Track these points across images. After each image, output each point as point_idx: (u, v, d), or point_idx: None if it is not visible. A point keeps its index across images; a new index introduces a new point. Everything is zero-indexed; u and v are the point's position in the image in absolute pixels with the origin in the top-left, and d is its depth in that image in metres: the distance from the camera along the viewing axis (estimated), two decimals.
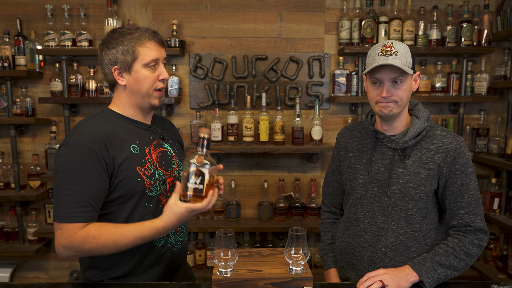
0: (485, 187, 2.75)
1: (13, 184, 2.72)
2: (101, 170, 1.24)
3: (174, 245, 1.45)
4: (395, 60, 1.31)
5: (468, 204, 1.37)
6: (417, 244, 1.40)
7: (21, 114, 2.65)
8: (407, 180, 1.38)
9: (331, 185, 1.65)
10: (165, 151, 1.43)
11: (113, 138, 1.29)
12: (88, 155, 1.23)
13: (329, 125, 2.80)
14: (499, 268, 2.58)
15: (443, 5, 2.72)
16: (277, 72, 2.72)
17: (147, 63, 1.32)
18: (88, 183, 1.22)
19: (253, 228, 2.67)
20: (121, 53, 1.31)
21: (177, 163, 1.47)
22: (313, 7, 2.71)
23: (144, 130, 1.40)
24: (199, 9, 2.71)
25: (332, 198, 1.67)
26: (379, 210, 1.43)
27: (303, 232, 1.25)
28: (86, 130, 1.27)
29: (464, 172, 1.37)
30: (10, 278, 2.79)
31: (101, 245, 1.22)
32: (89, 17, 2.70)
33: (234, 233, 1.25)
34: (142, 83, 1.33)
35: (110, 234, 1.22)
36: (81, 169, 1.22)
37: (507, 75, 2.63)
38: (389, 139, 1.42)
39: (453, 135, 1.42)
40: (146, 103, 1.37)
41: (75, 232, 1.21)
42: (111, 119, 1.35)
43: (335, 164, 1.62)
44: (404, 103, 1.37)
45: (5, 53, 2.62)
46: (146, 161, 1.34)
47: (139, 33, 1.31)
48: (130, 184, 1.29)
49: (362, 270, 1.45)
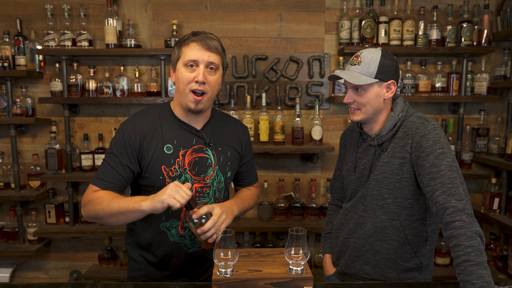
0: (485, 187, 2.75)
1: (13, 184, 2.72)
2: (131, 155, 1.40)
3: (189, 246, 1.50)
4: (348, 74, 1.42)
5: (441, 184, 1.28)
6: (396, 233, 1.46)
7: (21, 114, 2.65)
8: (382, 171, 1.45)
9: (338, 180, 1.77)
10: (205, 157, 1.46)
11: (153, 133, 1.42)
12: (124, 139, 1.40)
13: (329, 125, 2.80)
14: (499, 268, 2.58)
15: (443, 5, 2.72)
16: (277, 72, 2.72)
17: (185, 62, 1.38)
18: (118, 161, 1.39)
19: (253, 228, 2.67)
20: (174, 52, 1.44)
21: (215, 172, 1.48)
22: (313, 7, 2.71)
23: (189, 133, 1.45)
24: (199, 9, 2.71)
25: (338, 193, 1.79)
26: (359, 200, 1.53)
27: (303, 232, 1.25)
28: (134, 120, 1.45)
29: (431, 153, 1.33)
30: (10, 278, 2.79)
31: (99, 202, 1.34)
32: (89, 17, 2.70)
33: (234, 233, 1.25)
34: (179, 81, 1.40)
35: (108, 200, 1.33)
36: (117, 149, 1.40)
37: (507, 75, 2.63)
38: (370, 137, 1.52)
39: (422, 120, 1.43)
40: (184, 103, 1.41)
41: (94, 189, 1.38)
42: (162, 114, 1.47)
43: (340, 162, 1.74)
44: (369, 110, 1.45)
45: (5, 53, 2.62)
46: (175, 162, 1.42)
47: (189, 35, 1.41)
48: (152, 178, 1.41)
49: (348, 255, 1.58)
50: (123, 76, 2.64)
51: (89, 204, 1.37)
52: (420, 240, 1.48)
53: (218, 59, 1.41)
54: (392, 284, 1.41)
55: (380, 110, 1.47)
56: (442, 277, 2.60)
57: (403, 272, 1.49)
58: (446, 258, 2.73)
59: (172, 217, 1.47)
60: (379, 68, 1.40)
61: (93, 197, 1.37)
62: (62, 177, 2.64)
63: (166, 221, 1.48)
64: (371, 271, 1.52)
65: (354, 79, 1.41)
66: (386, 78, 1.42)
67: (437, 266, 2.73)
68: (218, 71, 1.42)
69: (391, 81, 1.44)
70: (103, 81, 2.64)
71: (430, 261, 1.52)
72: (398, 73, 1.47)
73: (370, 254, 1.52)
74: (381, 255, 1.50)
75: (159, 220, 1.47)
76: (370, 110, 1.45)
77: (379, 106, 1.45)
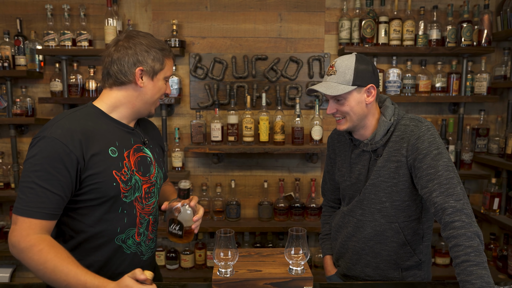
0: (485, 187, 2.75)
1: (13, 184, 2.72)
2: (71, 169, 1.18)
3: (144, 253, 1.40)
4: (324, 85, 1.41)
5: (439, 185, 1.28)
6: (396, 235, 1.46)
7: (21, 114, 2.65)
8: (378, 175, 1.44)
9: (328, 183, 1.76)
10: (145, 156, 1.39)
11: (91, 138, 1.24)
12: (60, 152, 1.17)
13: (329, 125, 2.80)
14: (499, 268, 2.58)
15: (443, 5, 2.72)
16: (277, 72, 2.72)
17: (167, 77, 1.38)
18: (54, 180, 1.16)
19: (253, 228, 2.67)
20: (152, 58, 1.31)
21: (156, 169, 1.43)
22: (313, 7, 2.71)
23: (126, 133, 1.35)
24: (199, 9, 2.71)
25: (330, 195, 1.78)
26: (357, 204, 1.52)
27: (303, 232, 1.25)
28: (64, 126, 1.21)
29: (428, 155, 1.33)
30: (10, 278, 2.79)
31: (42, 263, 1.11)
32: (89, 17, 2.70)
33: (234, 233, 1.25)
34: (156, 92, 1.37)
35: (57, 257, 1.12)
36: (50, 165, 1.16)
37: (507, 75, 2.63)
38: (363, 143, 1.49)
39: (415, 122, 1.41)
40: (147, 110, 1.39)
41: (28, 233, 1.13)
42: (93, 117, 1.29)
43: (329, 165, 1.72)
44: (354, 117, 1.43)
45: (5, 53, 2.62)
46: (123, 165, 1.29)
47: (168, 48, 1.38)
48: (105, 187, 1.24)
49: (348, 258, 1.58)
50: None
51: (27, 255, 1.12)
52: (417, 238, 1.49)
53: None
54: (392, 284, 1.41)
55: (364, 115, 1.44)
56: (442, 277, 2.60)
57: (404, 271, 1.51)
58: (446, 258, 2.73)
59: (129, 226, 1.33)
60: (355, 74, 1.38)
61: (33, 250, 1.12)
62: None
63: (122, 233, 1.31)
64: (372, 273, 1.53)
65: (331, 90, 1.39)
66: (364, 83, 1.40)
67: (437, 266, 2.74)
68: None
69: (370, 85, 1.41)
70: None
71: (428, 256, 1.55)
72: (376, 76, 1.43)
73: (370, 257, 1.52)
74: (381, 257, 1.50)
75: (113, 234, 1.30)
76: (354, 118, 1.43)
77: (363, 112, 1.43)
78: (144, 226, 1.38)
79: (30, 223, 1.14)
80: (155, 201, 1.43)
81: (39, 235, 1.15)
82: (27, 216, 1.14)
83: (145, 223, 1.38)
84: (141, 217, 1.36)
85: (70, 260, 1.13)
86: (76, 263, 1.13)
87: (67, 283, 1.10)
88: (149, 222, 1.40)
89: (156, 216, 1.46)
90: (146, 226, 1.39)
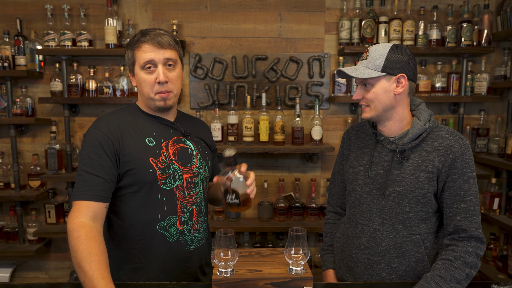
0: (485, 187, 2.75)
1: (13, 184, 2.72)
2: (110, 154, 1.29)
3: (189, 243, 1.42)
4: (352, 68, 1.36)
5: (465, 210, 1.31)
6: (416, 248, 1.37)
7: (21, 114, 2.65)
8: (405, 183, 1.35)
9: (337, 184, 1.63)
10: (186, 147, 1.43)
11: (129, 128, 1.35)
12: (99, 138, 1.29)
13: (329, 125, 2.80)
14: (499, 268, 2.58)
15: (443, 5, 2.72)
16: (277, 72, 2.72)
17: (142, 65, 1.34)
18: (96, 164, 1.26)
19: (253, 228, 2.67)
20: (128, 56, 1.39)
21: (198, 160, 1.45)
22: (313, 7, 2.71)
23: (165, 126, 1.42)
24: (199, 9, 2.71)
25: (338, 198, 1.65)
26: (376, 212, 1.41)
27: (303, 232, 1.25)
28: (105, 119, 1.36)
29: (462, 176, 1.32)
30: (10, 278, 2.79)
31: (74, 250, 1.16)
32: (89, 17, 2.70)
33: (234, 233, 1.25)
34: (142, 85, 1.36)
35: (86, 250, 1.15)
36: (92, 151, 1.28)
37: (507, 75, 2.63)
38: (388, 140, 1.40)
39: (456, 137, 1.35)
40: (152, 105, 1.39)
41: (75, 215, 1.21)
42: (133, 113, 1.42)
43: (341, 164, 1.60)
44: (378, 106, 1.36)
45: (5, 53, 2.62)
46: (161, 154, 1.36)
47: (138, 36, 1.35)
48: (141, 173, 1.31)
49: (358, 272, 1.44)
50: (123, 76, 2.64)
51: (69, 238, 1.20)
52: (434, 253, 1.41)
53: (174, 54, 1.37)
54: (392, 284, 1.40)
55: (391, 106, 1.36)
56: None
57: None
58: None
59: (170, 213, 1.37)
60: (386, 61, 1.31)
61: (73, 235, 1.18)
62: (62, 177, 2.64)
63: (163, 220, 1.36)
64: None
65: (357, 72, 1.33)
66: (395, 71, 1.32)
67: None
68: (177, 66, 1.39)
69: (401, 74, 1.33)
70: (103, 81, 2.64)
71: None
72: (411, 68, 1.35)
73: (385, 272, 1.40)
74: (397, 273, 1.39)
75: (155, 221, 1.35)
76: (379, 107, 1.35)
77: (390, 102, 1.35)
78: (186, 215, 1.40)
79: (78, 206, 1.23)
80: (199, 192, 1.45)
81: (84, 221, 1.21)
82: (77, 199, 1.24)
83: (188, 212, 1.41)
84: (183, 205, 1.39)
85: (97, 259, 1.14)
86: (99, 263, 1.14)
87: (83, 280, 1.14)
88: (193, 212, 1.42)
89: (201, 207, 1.47)
90: (189, 216, 1.41)
